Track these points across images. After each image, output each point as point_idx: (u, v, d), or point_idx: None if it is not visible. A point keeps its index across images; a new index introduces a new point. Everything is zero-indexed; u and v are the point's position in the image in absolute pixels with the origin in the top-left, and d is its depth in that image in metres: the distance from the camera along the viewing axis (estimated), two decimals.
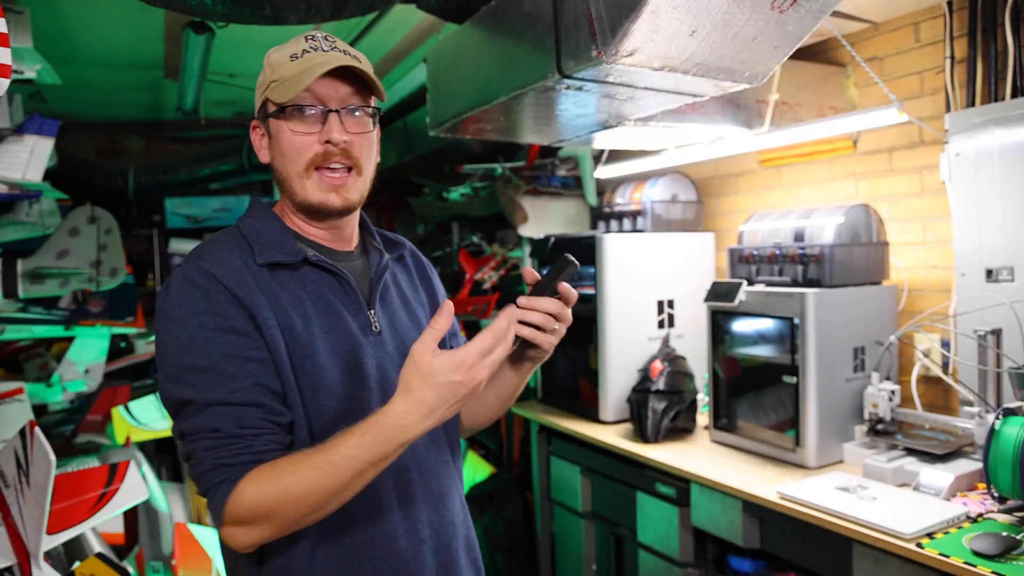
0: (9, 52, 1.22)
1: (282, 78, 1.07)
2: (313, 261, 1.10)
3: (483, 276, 4.13)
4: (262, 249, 1.08)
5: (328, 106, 1.07)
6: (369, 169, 1.13)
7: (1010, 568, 1.36)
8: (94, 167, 4.48)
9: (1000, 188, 1.90)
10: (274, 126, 1.09)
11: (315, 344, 1.05)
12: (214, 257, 1.06)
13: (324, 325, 1.07)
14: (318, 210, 1.09)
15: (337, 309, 1.09)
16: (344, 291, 1.12)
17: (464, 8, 1.99)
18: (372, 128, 1.12)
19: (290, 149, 1.07)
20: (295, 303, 1.07)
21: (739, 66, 1.55)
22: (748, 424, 2.23)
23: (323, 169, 1.07)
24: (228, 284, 1.02)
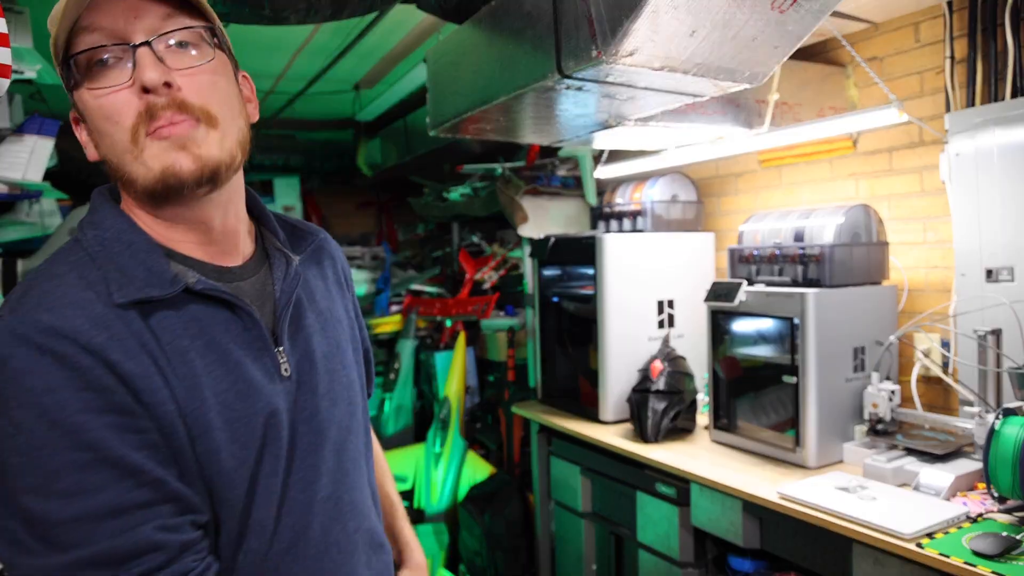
0: (9, 52, 1.22)
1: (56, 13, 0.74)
2: (197, 290, 0.78)
3: (483, 276, 4.14)
4: (120, 279, 0.75)
5: (132, 40, 0.75)
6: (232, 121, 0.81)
7: (1010, 568, 1.36)
8: (94, 167, 4.46)
9: (1000, 188, 1.90)
10: (79, 100, 0.77)
11: (207, 417, 0.76)
12: (58, 299, 0.71)
13: (216, 384, 0.78)
14: (167, 183, 0.76)
15: (233, 356, 0.80)
16: (242, 325, 0.82)
17: (464, 8, 1.99)
18: (211, 57, 0.80)
19: (101, 119, 0.75)
20: (176, 361, 0.76)
21: (739, 66, 1.55)
22: (748, 424, 2.23)
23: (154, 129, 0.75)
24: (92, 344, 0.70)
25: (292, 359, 0.87)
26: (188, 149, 0.76)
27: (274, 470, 0.82)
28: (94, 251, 0.78)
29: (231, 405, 0.78)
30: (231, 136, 0.80)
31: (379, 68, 3.57)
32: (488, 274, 4.12)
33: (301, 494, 0.85)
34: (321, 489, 0.88)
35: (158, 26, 0.76)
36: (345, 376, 0.95)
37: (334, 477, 0.90)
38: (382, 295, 4.70)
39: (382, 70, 3.60)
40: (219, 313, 0.81)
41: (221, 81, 0.81)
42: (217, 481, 0.77)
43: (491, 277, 4.11)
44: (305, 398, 0.87)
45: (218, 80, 0.80)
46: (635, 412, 2.43)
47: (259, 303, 0.87)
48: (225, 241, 0.86)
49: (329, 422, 0.89)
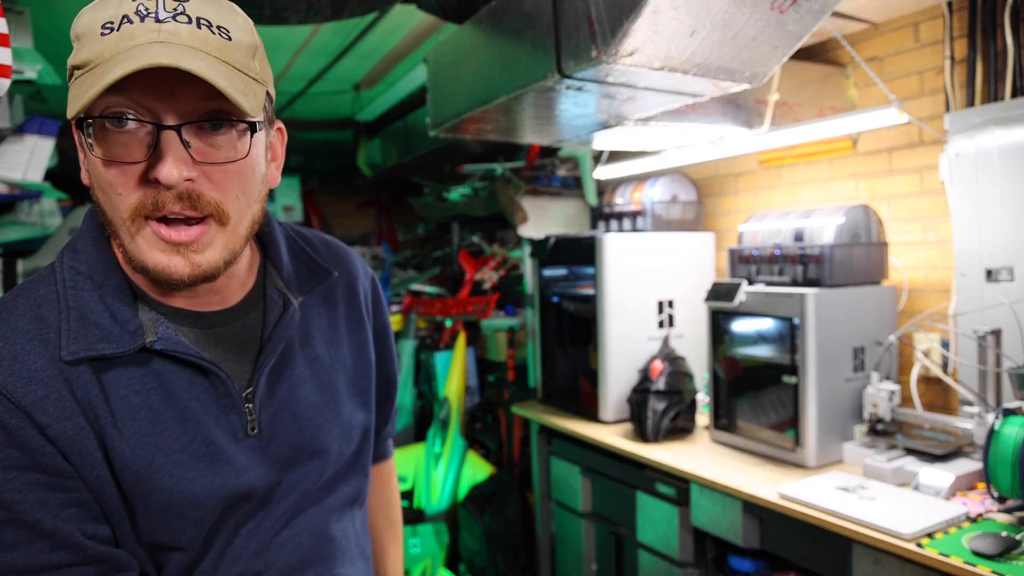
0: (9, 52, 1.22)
1: (86, 63, 0.65)
2: (157, 350, 0.74)
3: (483, 276, 4.14)
4: (76, 330, 0.71)
5: (161, 120, 0.66)
6: (246, 211, 0.74)
7: (1010, 568, 1.36)
8: None
9: (1000, 188, 1.90)
10: (83, 145, 0.69)
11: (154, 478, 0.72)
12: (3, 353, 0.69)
13: (169, 443, 0.74)
14: (156, 279, 0.71)
15: (193, 414, 0.75)
16: (208, 382, 0.77)
17: (464, 8, 1.99)
18: (246, 152, 0.72)
19: (104, 185, 0.68)
20: (126, 417, 0.72)
21: (739, 66, 1.55)
22: (748, 424, 2.23)
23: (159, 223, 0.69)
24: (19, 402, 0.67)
25: (267, 412, 0.82)
26: (186, 257, 0.70)
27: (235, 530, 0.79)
28: (64, 286, 0.74)
29: (185, 464, 0.75)
30: (240, 231, 0.75)
31: (379, 68, 3.57)
32: (488, 274, 4.12)
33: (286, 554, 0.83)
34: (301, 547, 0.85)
35: (195, 107, 0.67)
36: (338, 426, 0.90)
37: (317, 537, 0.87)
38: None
39: (382, 70, 3.60)
40: (184, 369, 0.76)
41: (248, 173, 0.73)
42: (163, 540, 0.75)
43: (491, 277, 4.11)
44: (278, 452, 0.82)
45: (245, 173, 0.73)
46: (635, 412, 2.43)
47: (237, 351, 0.81)
48: (210, 294, 0.80)
49: (306, 476, 0.85)
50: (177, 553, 0.76)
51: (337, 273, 0.94)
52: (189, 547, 0.77)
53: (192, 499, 0.75)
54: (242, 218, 0.74)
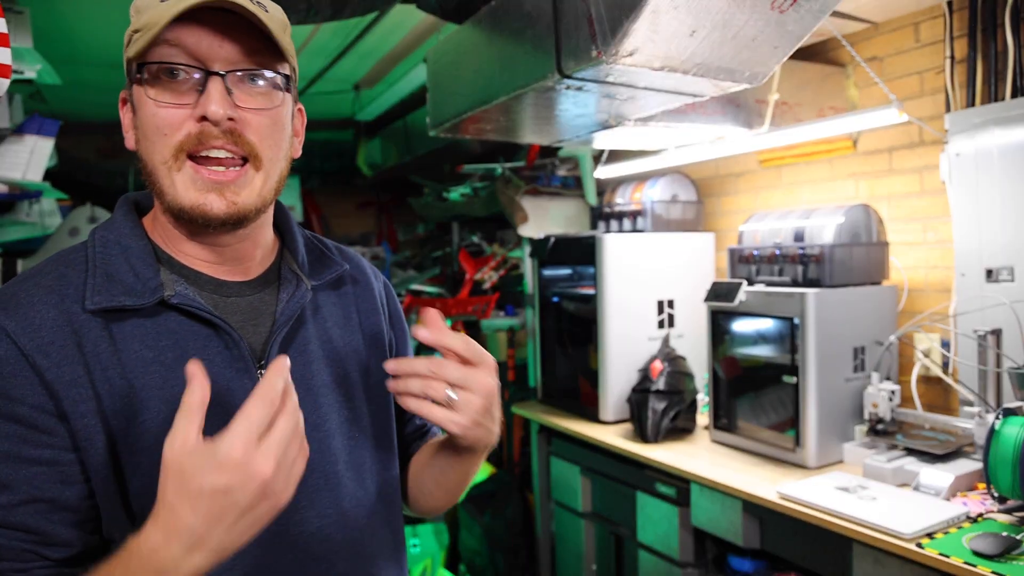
0: (9, 52, 1.22)
1: (145, 26, 0.75)
2: (173, 304, 0.78)
3: (483, 276, 4.14)
4: (100, 285, 0.76)
5: (209, 66, 0.75)
6: (277, 162, 0.82)
7: (1010, 568, 1.36)
8: (94, 167, 4.48)
9: (1000, 188, 1.90)
10: (137, 96, 0.78)
11: (159, 431, 0.71)
12: (20, 301, 0.74)
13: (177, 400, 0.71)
14: (192, 218, 0.77)
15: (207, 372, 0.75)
16: (223, 343, 0.80)
17: (464, 8, 1.98)
18: (278, 103, 0.80)
19: (151, 127, 0.76)
20: (137, 370, 0.75)
21: (739, 66, 1.55)
22: (748, 424, 2.23)
23: (199, 159, 0.76)
24: (26, 346, 0.72)
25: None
26: (224, 194, 0.77)
27: None
28: (94, 252, 0.80)
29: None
30: (272, 179, 0.81)
31: (379, 68, 3.57)
32: (488, 274, 4.12)
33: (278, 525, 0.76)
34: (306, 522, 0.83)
35: (238, 60, 0.76)
36: (350, 411, 0.90)
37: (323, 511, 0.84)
38: None
39: (382, 70, 3.60)
40: (200, 329, 0.80)
41: (280, 124, 0.81)
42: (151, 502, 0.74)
43: (491, 277, 4.11)
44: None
45: (277, 124, 0.81)
46: (635, 412, 2.43)
47: (252, 322, 0.85)
48: (234, 261, 0.85)
49: (317, 456, 0.84)
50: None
51: (349, 267, 0.97)
52: None
53: None
54: (273, 168, 0.81)
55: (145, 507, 0.69)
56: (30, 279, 0.77)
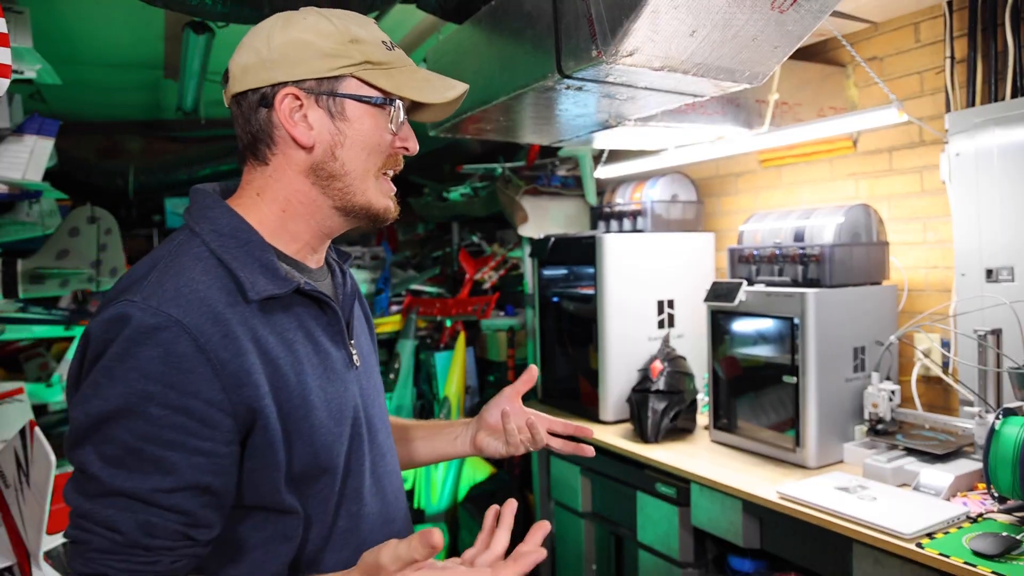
0: (9, 52, 1.22)
1: (385, 63, 0.93)
2: (305, 290, 0.91)
3: (483, 276, 4.13)
4: (251, 279, 0.86)
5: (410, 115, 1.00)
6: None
7: (1010, 568, 1.36)
8: (94, 167, 4.48)
9: (1000, 188, 1.90)
10: (356, 111, 0.92)
11: (310, 400, 0.89)
12: (187, 296, 0.81)
13: (315, 371, 0.91)
14: (375, 217, 0.96)
15: (324, 346, 0.94)
16: (328, 320, 0.96)
17: (464, 8, 1.98)
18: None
19: (373, 144, 0.93)
20: (285, 349, 0.88)
21: (739, 66, 1.55)
22: (748, 424, 2.23)
23: (386, 175, 0.97)
24: (206, 344, 0.79)
25: (357, 349, 1.02)
26: (394, 202, 0.99)
27: (357, 447, 0.96)
28: (215, 246, 0.87)
29: (325, 388, 0.91)
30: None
31: None
32: (488, 274, 4.12)
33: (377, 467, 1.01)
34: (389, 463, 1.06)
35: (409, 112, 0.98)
36: (376, 372, 1.11)
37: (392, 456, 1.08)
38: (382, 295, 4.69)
39: None
40: (312, 309, 0.94)
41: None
42: (322, 455, 0.90)
43: (491, 277, 4.11)
44: (365, 385, 1.02)
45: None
46: (635, 412, 2.43)
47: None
48: (320, 251, 1.01)
49: (379, 407, 1.06)
50: (326, 476, 0.91)
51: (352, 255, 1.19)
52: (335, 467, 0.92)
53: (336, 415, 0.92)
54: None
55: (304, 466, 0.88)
56: (180, 274, 0.83)
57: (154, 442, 0.77)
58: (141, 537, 0.77)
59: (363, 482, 0.98)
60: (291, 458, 0.87)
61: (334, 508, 0.94)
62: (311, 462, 0.89)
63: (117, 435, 0.77)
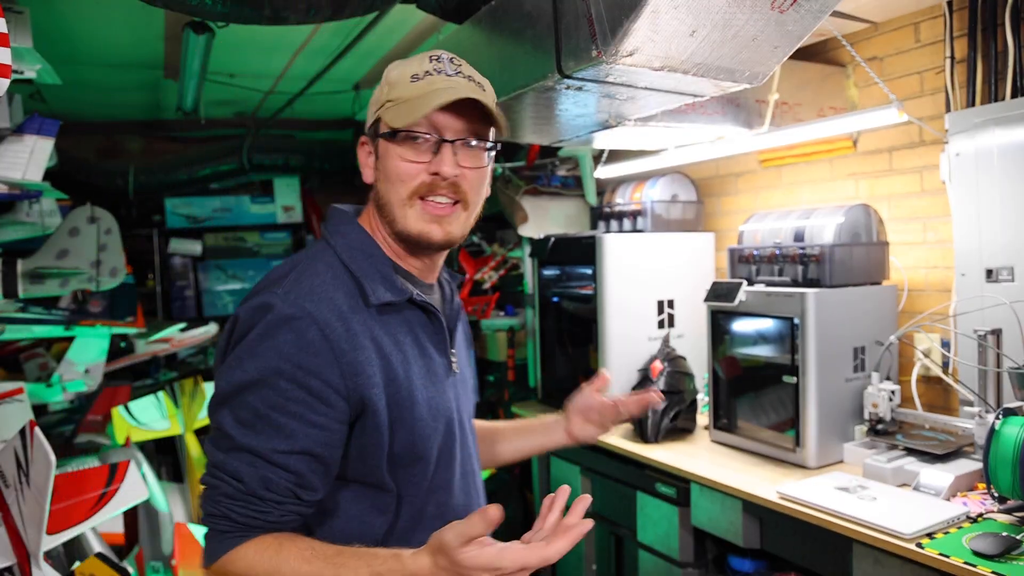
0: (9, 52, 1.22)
1: (399, 99, 1.02)
2: (417, 301, 1.06)
3: (483, 276, 4.13)
4: (372, 286, 1.02)
5: (443, 136, 1.01)
6: (477, 205, 1.08)
7: (1010, 568, 1.36)
8: (94, 167, 4.48)
9: (1000, 188, 1.90)
10: (383, 147, 1.04)
11: (415, 395, 1.02)
12: (319, 295, 0.98)
13: (419, 371, 1.04)
14: (417, 242, 1.04)
15: (428, 351, 1.07)
16: (434, 329, 1.09)
17: (464, 8, 1.98)
18: (487, 163, 1.07)
19: (395, 175, 1.02)
20: (396, 348, 1.02)
21: (739, 66, 1.55)
22: (748, 424, 2.23)
23: (427, 199, 1.02)
24: (331, 335, 0.95)
25: (458, 359, 1.14)
26: (441, 225, 1.03)
27: (449, 443, 1.08)
28: (345, 256, 1.04)
29: (427, 386, 1.05)
30: (473, 216, 1.08)
31: (379, 68, 3.56)
32: (488, 274, 4.12)
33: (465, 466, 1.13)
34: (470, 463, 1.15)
35: (463, 130, 1.02)
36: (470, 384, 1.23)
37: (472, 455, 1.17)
38: None
39: (382, 70, 3.59)
40: (421, 317, 1.08)
41: (484, 177, 1.08)
42: (419, 444, 1.02)
43: (491, 277, 4.11)
44: (460, 392, 1.14)
45: (483, 178, 1.07)
46: None
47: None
48: (431, 268, 1.13)
49: (469, 414, 1.19)
50: (420, 463, 1.04)
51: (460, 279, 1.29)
52: (428, 456, 1.04)
53: (434, 411, 1.04)
54: (475, 208, 1.08)
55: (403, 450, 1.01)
56: (316, 276, 1.00)
57: (279, 410, 0.93)
58: (259, 488, 0.92)
59: (453, 476, 1.10)
60: (393, 442, 1.00)
61: (424, 494, 1.06)
62: (409, 449, 1.01)
63: (250, 401, 0.93)
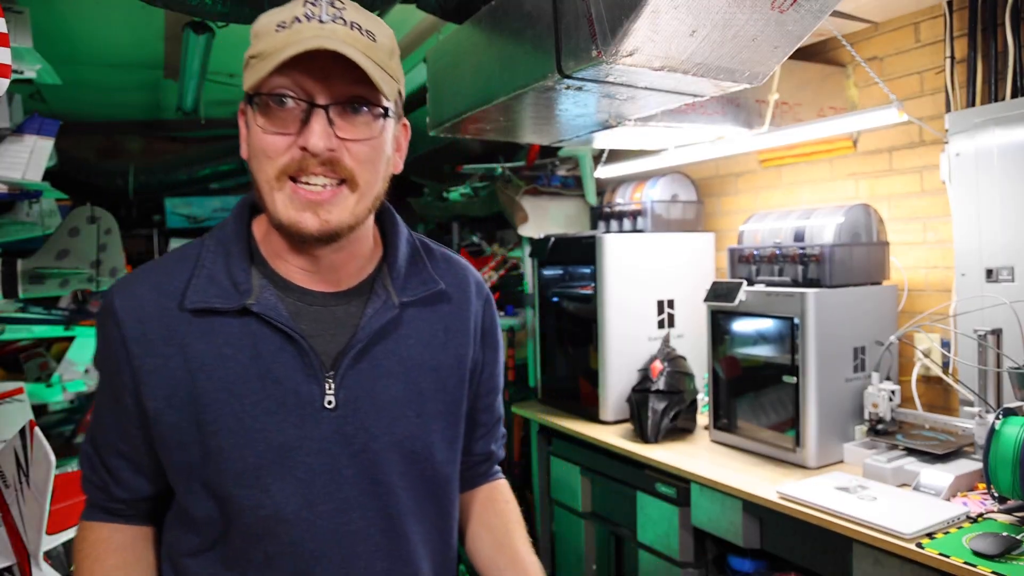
0: (9, 52, 1.22)
1: (261, 54, 0.80)
2: (255, 311, 0.86)
3: (483, 276, 4.13)
4: (201, 286, 0.87)
5: (313, 99, 0.80)
6: (373, 184, 0.86)
7: (1010, 568, 1.36)
8: (94, 167, 4.48)
9: (1000, 188, 1.90)
10: (250, 117, 0.84)
11: (224, 420, 0.84)
12: (132, 291, 0.88)
13: (246, 395, 0.85)
14: (289, 233, 0.84)
15: (275, 374, 0.86)
16: (296, 350, 0.87)
17: (464, 8, 1.98)
18: (377, 132, 0.85)
19: (260, 151, 0.82)
20: (215, 363, 0.85)
21: (739, 66, 1.55)
22: (748, 424, 2.23)
23: (299, 181, 0.82)
24: (126, 334, 0.86)
25: (348, 392, 0.88)
26: (317, 213, 0.82)
27: (295, 491, 0.86)
28: (207, 251, 0.90)
29: (254, 416, 0.85)
30: (367, 200, 0.86)
31: None
32: (488, 274, 4.12)
33: (327, 522, 0.87)
34: (351, 523, 0.89)
35: (341, 92, 0.81)
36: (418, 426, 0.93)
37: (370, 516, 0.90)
38: None
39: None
40: (275, 334, 0.87)
41: (378, 151, 0.86)
42: (226, 476, 0.85)
43: (491, 277, 4.10)
44: (352, 433, 0.88)
45: (376, 150, 0.85)
46: (635, 412, 2.43)
47: (331, 332, 0.90)
48: (328, 271, 0.91)
49: (375, 464, 0.90)
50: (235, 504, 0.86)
51: (446, 287, 0.99)
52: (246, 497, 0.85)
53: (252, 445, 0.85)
54: (370, 189, 0.86)
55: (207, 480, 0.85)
56: (150, 271, 0.90)
57: (100, 404, 0.93)
58: (89, 473, 0.94)
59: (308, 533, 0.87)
60: (192, 467, 0.86)
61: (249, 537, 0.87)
62: (215, 481, 0.86)
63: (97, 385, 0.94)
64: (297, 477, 0.86)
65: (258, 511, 0.85)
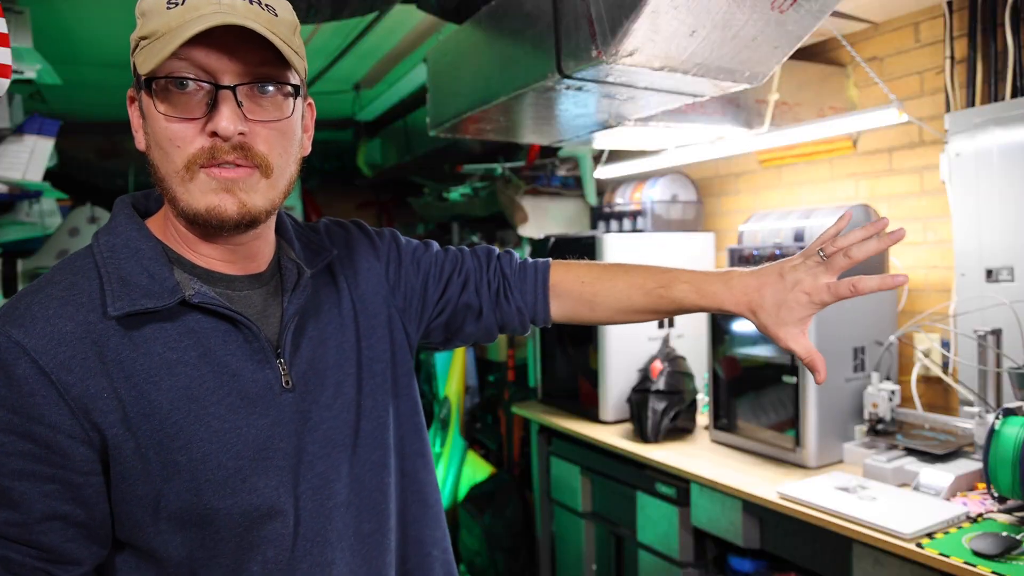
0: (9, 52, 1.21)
1: (154, 34, 0.73)
2: (194, 303, 0.79)
3: None
4: (119, 290, 0.76)
5: (219, 80, 0.74)
6: (286, 168, 0.82)
7: (1010, 568, 1.36)
8: (94, 167, 4.48)
9: (1000, 188, 1.90)
10: (146, 104, 0.77)
11: (191, 429, 0.77)
12: (35, 316, 0.74)
13: (207, 396, 0.78)
14: (207, 221, 0.77)
15: (229, 367, 0.80)
16: (243, 337, 0.82)
17: (464, 8, 1.99)
18: (289, 113, 0.80)
19: (164, 140, 0.75)
20: (162, 372, 0.77)
21: (739, 66, 1.55)
22: (748, 424, 2.23)
23: (211, 167, 0.76)
24: (49, 364, 0.72)
25: (297, 368, 0.86)
26: (235, 194, 0.77)
27: (280, 481, 0.82)
28: (102, 257, 0.79)
29: (222, 417, 0.79)
30: (281, 184, 0.82)
31: (379, 68, 3.57)
32: None
33: (313, 502, 0.85)
34: (336, 495, 0.88)
35: (247, 71, 0.76)
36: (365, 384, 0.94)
37: (349, 483, 0.89)
38: None
39: (382, 70, 3.60)
40: (219, 325, 0.81)
41: (289, 133, 0.82)
42: (207, 490, 0.77)
43: None
44: (310, 408, 0.86)
45: (287, 133, 0.81)
46: (635, 412, 2.43)
47: (264, 312, 0.87)
48: (246, 258, 0.87)
49: (337, 431, 0.89)
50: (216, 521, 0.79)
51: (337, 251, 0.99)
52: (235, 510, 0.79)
53: (239, 447, 0.79)
54: (283, 174, 0.82)
55: (183, 505, 0.76)
56: (41, 291, 0.77)
57: (3, 473, 0.72)
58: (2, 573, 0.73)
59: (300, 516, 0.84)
60: (160, 496, 0.76)
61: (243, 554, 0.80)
62: (193, 502, 0.77)
63: None
64: (277, 466, 0.82)
65: (252, 514, 0.80)
